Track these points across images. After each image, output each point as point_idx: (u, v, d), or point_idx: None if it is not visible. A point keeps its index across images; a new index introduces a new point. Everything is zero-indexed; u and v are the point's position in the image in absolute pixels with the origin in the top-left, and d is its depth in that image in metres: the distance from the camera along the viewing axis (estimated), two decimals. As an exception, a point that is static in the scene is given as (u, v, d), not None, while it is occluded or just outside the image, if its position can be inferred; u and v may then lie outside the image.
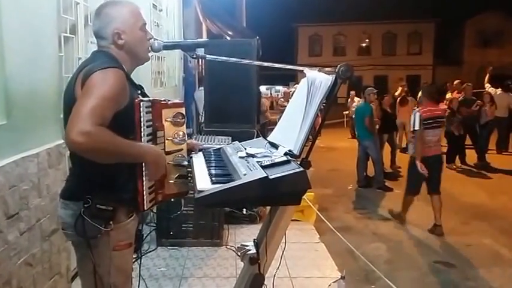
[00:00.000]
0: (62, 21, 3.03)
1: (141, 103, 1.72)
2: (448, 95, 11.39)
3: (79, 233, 1.72)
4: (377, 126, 7.90)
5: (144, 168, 1.72)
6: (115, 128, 1.60)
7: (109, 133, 1.55)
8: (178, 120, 1.90)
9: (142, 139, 1.73)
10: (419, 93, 11.43)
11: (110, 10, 1.83)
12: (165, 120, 1.85)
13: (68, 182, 1.88)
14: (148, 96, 1.88)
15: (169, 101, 1.92)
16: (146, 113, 1.74)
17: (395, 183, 7.81)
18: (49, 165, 2.74)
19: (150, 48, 1.93)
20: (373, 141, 7.61)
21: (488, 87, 10.60)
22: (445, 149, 10.49)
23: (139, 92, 1.88)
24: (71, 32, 3.17)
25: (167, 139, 1.86)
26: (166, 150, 1.85)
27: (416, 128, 5.15)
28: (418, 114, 5.19)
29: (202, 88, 7.87)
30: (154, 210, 2.25)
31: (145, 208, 1.76)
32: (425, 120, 5.16)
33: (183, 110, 1.94)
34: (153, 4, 5.87)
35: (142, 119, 1.71)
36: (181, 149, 1.94)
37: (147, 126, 1.75)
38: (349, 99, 11.91)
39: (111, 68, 1.67)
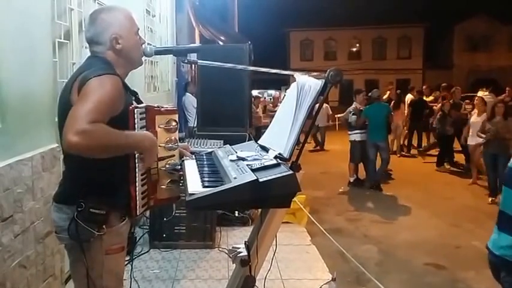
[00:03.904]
0: (56, 26, 3.06)
1: (136, 110, 1.74)
2: (430, 98, 11.67)
3: (72, 236, 1.74)
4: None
5: (136, 174, 1.74)
6: None
7: (104, 127, 1.56)
8: (171, 126, 1.92)
9: None
10: (407, 97, 11.72)
11: (106, 16, 1.84)
12: (158, 127, 1.87)
13: (61, 185, 1.89)
14: (142, 102, 1.90)
15: (162, 107, 1.94)
16: (140, 119, 1.76)
17: (387, 186, 7.89)
18: (43, 169, 2.77)
19: (143, 53, 1.96)
20: (387, 141, 7.83)
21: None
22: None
23: (133, 97, 1.90)
24: (65, 38, 3.20)
25: (160, 145, 1.87)
26: (158, 156, 1.87)
27: None
28: None
29: (188, 94, 7.95)
30: (147, 213, 2.28)
31: (138, 213, 1.78)
32: None
33: (175, 117, 1.96)
34: (146, 10, 5.91)
35: (136, 125, 1.74)
36: (174, 155, 1.96)
37: None
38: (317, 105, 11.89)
39: (107, 74, 1.68)
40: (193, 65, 7.61)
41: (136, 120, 1.74)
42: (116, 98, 1.68)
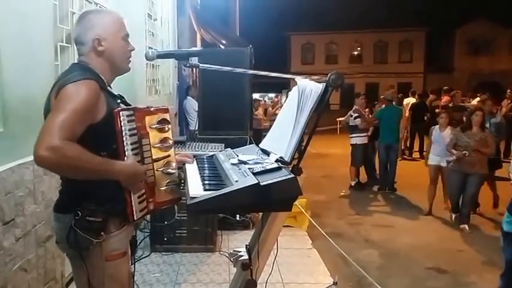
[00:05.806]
0: (58, 30, 3.08)
1: (121, 112, 1.69)
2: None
3: (71, 245, 1.73)
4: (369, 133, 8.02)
5: None
6: (94, 140, 1.61)
7: (77, 148, 1.53)
8: (163, 126, 1.87)
9: (126, 148, 1.71)
10: (405, 101, 11.72)
11: (93, 17, 1.83)
12: (150, 128, 1.82)
13: (59, 194, 1.88)
14: (130, 105, 1.85)
15: (151, 107, 1.89)
16: (128, 121, 1.71)
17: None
18: (44, 172, 2.77)
19: (130, 59, 1.92)
20: (399, 143, 8.10)
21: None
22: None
23: (119, 101, 1.85)
24: (66, 41, 3.21)
25: (154, 146, 1.83)
26: (153, 157, 1.83)
27: None
28: None
29: (189, 97, 7.98)
30: (148, 217, 2.27)
31: (135, 218, 1.77)
32: None
33: (167, 115, 1.91)
34: (148, 14, 5.93)
35: (123, 129, 1.69)
36: (169, 155, 1.92)
37: (131, 135, 1.72)
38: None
39: (84, 80, 1.65)
40: (194, 69, 7.63)
41: (122, 123, 1.69)
42: (93, 104, 1.64)
